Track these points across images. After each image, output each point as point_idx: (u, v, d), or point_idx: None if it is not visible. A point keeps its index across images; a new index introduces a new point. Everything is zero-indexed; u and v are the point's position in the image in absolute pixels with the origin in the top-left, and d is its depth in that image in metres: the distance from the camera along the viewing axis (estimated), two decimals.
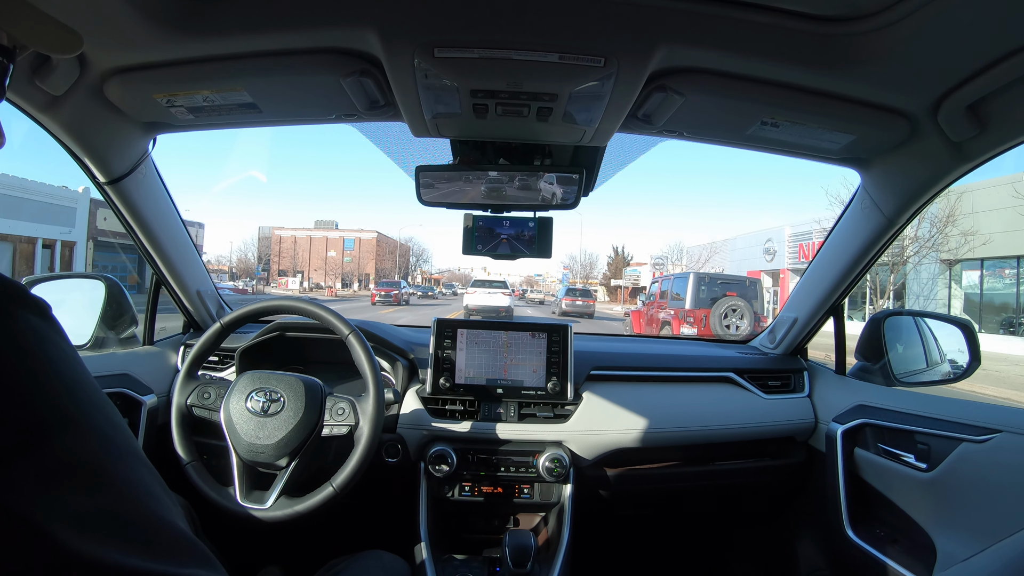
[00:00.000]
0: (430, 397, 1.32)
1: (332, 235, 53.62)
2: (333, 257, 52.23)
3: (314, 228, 54.27)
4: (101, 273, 1.48)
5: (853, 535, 1.22)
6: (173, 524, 0.32)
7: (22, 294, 0.33)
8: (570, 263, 46.29)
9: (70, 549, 0.26)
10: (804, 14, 0.69)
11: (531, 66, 0.77)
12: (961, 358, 1.32)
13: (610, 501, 1.41)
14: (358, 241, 53.26)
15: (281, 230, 52.82)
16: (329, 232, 53.81)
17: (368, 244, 53.22)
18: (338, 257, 52.40)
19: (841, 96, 0.84)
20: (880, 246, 1.21)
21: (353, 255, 52.74)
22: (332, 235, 53.62)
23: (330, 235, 53.56)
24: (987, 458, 0.99)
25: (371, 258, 52.12)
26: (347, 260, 52.47)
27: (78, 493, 0.28)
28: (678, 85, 0.83)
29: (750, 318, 7.93)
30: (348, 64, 0.82)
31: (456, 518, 1.36)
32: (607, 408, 1.34)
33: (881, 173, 1.08)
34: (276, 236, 51.88)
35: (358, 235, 53.41)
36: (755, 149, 1.06)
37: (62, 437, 0.29)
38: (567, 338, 1.34)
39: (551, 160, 1.10)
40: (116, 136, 1.03)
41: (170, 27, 0.74)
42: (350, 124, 1.06)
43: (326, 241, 53.03)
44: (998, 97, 0.77)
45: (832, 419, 1.33)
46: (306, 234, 53.14)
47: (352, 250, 52.91)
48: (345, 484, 1.01)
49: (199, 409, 1.07)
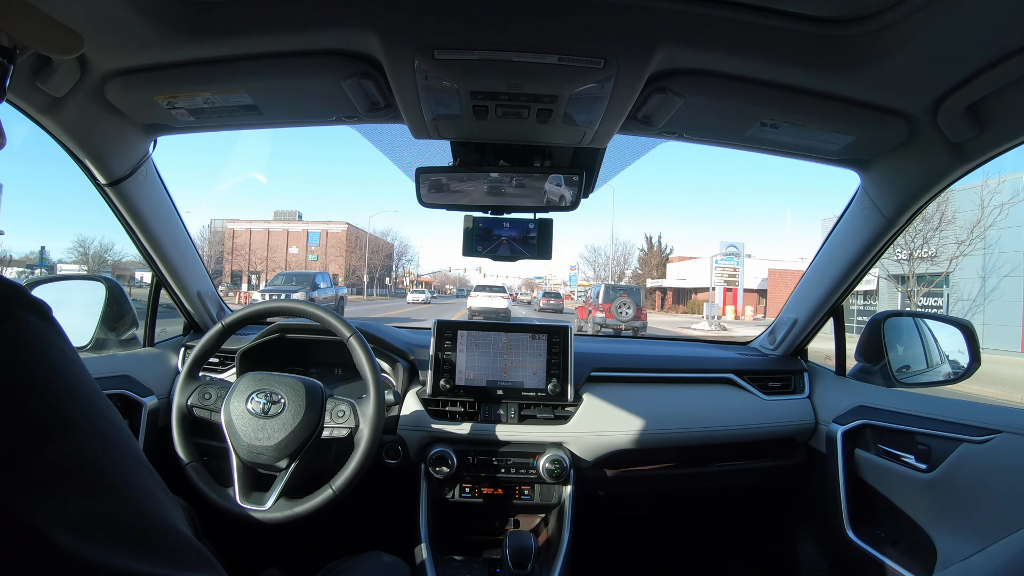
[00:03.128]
0: (430, 399, 1.32)
1: (294, 227, 45.52)
2: (295, 255, 44.47)
3: (273, 220, 45.98)
4: (101, 274, 1.48)
5: (853, 536, 1.22)
6: (174, 527, 0.32)
7: (22, 295, 0.33)
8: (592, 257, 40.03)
9: (70, 552, 0.26)
10: (803, 16, 0.69)
11: (531, 68, 0.77)
12: (961, 359, 1.32)
13: (610, 502, 1.41)
14: (325, 235, 45.03)
15: (235, 223, 44.42)
16: (291, 224, 45.68)
17: (337, 238, 44.87)
18: (301, 254, 44.60)
19: (840, 97, 0.84)
20: (880, 247, 1.21)
21: (319, 251, 44.72)
22: (294, 227, 45.52)
23: (292, 227, 45.38)
24: (987, 459, 0.99)
25: (340, 254, 44.15)
26: (312, 258, 44.35)
27: (79, 496, 0.28)
28: (678, 87, 0.83)
29: (633, 308, 13.81)
30: (348, 66, 0.82)
31: (456, 519, 1.36)
32: (607, 409, 1.34)
33: (881, 174, 1.08)
34: (229, 230, 43.55)
35: (325, 227, 45.22)
36: (755, 150, 1.06)
37: (63, 440, 0.29)
38: (567, 340, 1.34)
39: (551, 161, 1.11)
40: (117, 138, 1.03)
41: (171, 29, 0.74)
42: (350, 126, 1.06)
43: (287, 235, 45.04)
44: (997, 98, 0.77)
45: (832, 420, 1.33)
46: (264, 227, 44.98)
47: (318, 245, 44.89)
48: (345, 486, 1.01)
49: (199, 410, 1.07)
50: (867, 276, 1.38)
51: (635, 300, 14.10)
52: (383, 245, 48.70)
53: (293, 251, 44.70)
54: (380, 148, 1.16)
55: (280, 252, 44.25)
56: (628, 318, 13.55)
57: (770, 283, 25.68)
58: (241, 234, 43.75)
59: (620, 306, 13.72)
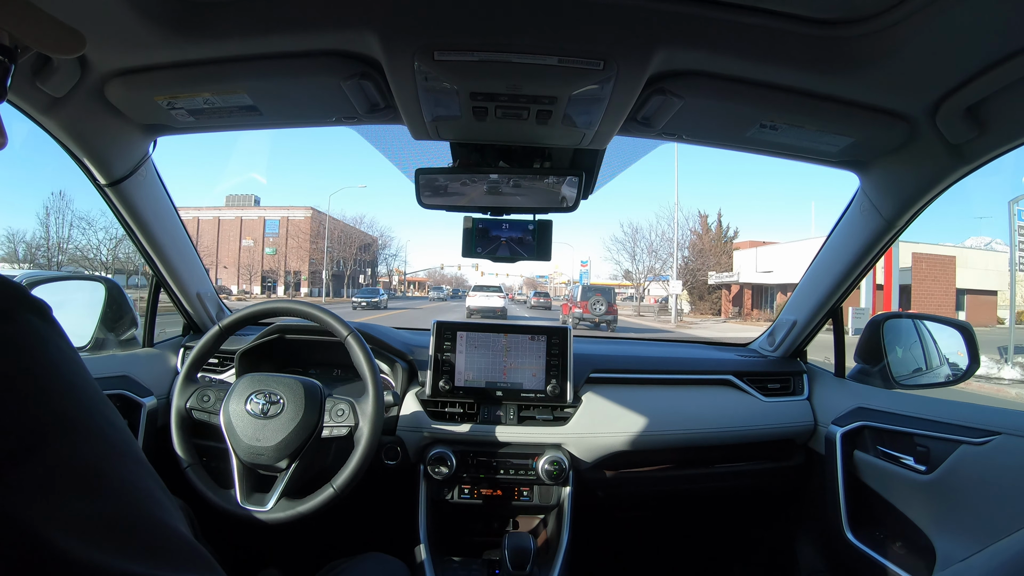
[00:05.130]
0: (429, 399, 1.32)
1: (249, 215, 37.32)
2: (250, 247, 35.91)
3: (225, 207, 38.01)
4: (101, 275, 1.48)
5: (853, 537, 1.22)
6: (174, 528, 0.32)
7: (22, 295, 0.32)
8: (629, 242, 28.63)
9: (70, 555, 0.26)
10: (802, 17, 0.69)
11: (530, 69, 0.77)
12: (960, 361, 1.32)
13: (609, 503, 1.41)
14: (285, 223, 36.66)
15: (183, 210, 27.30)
16: (246, 211, 37.51)
17: (299, 226, 36.39)
18: (257, 247, 36.05)
19: (840, 99, 0.84)
20: (879, 249, 1.21)
21: (278, 243, 36.54)
22: (249, 215, 37.32)
23: (247, 215, 37.20)
24: (986, 460, 0.99)
25: (303, 246, 35.78)
26: (269, 252, 36.11)
27: (78, 498, 0.28)
28: (677, 88, 0.83)
29: (605, 305, 16.79)
30: (348, 67, 0.82)
31: (455, 520, 1.36)
32: (606, 411, 1.34)
33: (880, 175, 1.08)
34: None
35: (285, 214, 37.00)
36: (754, 152, 1.06)
37: (63, 441, 0.29)
38: (567, 341, 1.34)
39: (551, 163, 1.11)
40: (117, 138, 1.03)
41: (171, 29, 0.74)
42: (350, 127, 1.07)
43: (240, 224, 36.59)
44: (996, 99, 0.77)
45: (831, 422, 1.33)
46: (213, 215, 37.24)
47: (277, 236, 36.73)
48: (346, 485, 1.01)
49: (199, 412, 1.07)
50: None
51: (607, 299, 17.53)
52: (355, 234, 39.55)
53: (247, 243, 36.48)
54: (380, 149, 1.16)
55: (232, 244, 36.73)
56: (601, 312, 16.82)
57: (914, 273, 19.06)
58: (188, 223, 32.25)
59: (594, 303, 17.02)
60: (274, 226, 37.24)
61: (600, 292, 18.02)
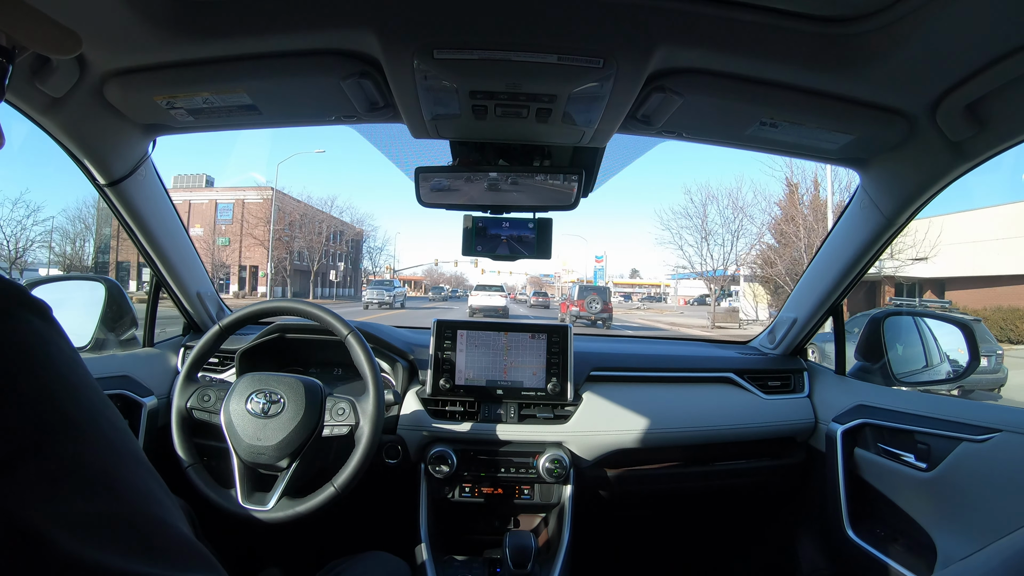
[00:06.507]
0: (430, 398, 1.32)
1: (199, 198, 29.75)
2: (200, 236, 27.38)
3: (174, 188, 28.64)
4: (101, 275, 1.48)
5: (853, 535, 1.22)
6: (175, 528, 0.32)
7: (23, 295, 0.33)
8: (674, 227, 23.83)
9: (71, 554, 0.26)
10: (802, 14, 0.69)
11: (530, 67, 0.77)
12: (961, 358, 1.32)
13: (610, 501, 1.41)
14: (240, 206, 29.24)
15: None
16: (195, 193, 30.00)
17: (256, 209, 28.80)
18: (207, 235, 28.13)
19: (840, 96, 0.84)
20: (879, 246, 1.21)
21: (232, 231, 29.30)
22: (199, 198, 29.75)
23: (195, 198, 29.57)
24: (987, 458, 0.99)
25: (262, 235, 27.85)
26: (221, 241, 28.76)
27: (80, 498, 0.28)
28: (677, 86, 0.83)
29: (600, 304, 17.42)
30: (348, 66, 0.82)
31: (456, 519, 1.36)
32: (607, 409, 1.34)
33: (880, 173, 1.08)
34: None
35: (241, 196, 29.56)
36: (754, 149, 1.06)
37: (64, 441, 0.29)
38: (567, 339, 1.34)
39: (550, 161, 1.10)
40: (116, 138, 1.03)
41: (170, 29, 0.74)
42: (350, 125, 1.06)
43: (189, 208, 28.72)
44: (996, 97, 0.77)
45: (832, 419, 1.33)
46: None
47: (230, 223, 29.40)
48: (347, 483, 1.01)
49: (199, 412, 1.07)
50: None
51: (602, 297, 18.01)
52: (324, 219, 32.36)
53: (196, 231, 27.64)
54: (379, 147, 1.16)
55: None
56: (597, 311, 17.31)
57: None
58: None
59: (590, 302, 17.55)
60: (227, 211, 29.77)
61: (596, 291, 19.06)
